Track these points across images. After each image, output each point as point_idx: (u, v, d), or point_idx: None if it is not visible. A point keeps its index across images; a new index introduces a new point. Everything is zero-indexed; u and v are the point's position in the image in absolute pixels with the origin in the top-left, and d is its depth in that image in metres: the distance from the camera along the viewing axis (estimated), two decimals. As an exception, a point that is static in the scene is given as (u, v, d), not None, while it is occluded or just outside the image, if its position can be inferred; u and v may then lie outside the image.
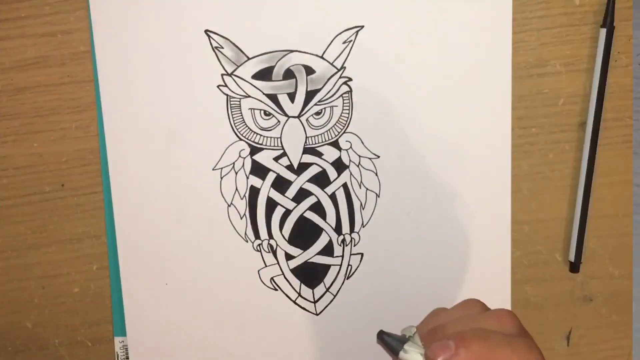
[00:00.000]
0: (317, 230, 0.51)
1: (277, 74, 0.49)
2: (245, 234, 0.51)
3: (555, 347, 0.54)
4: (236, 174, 0.50)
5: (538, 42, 0.49)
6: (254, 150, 0.50)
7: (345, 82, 0.49)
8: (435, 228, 0.51)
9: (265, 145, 0.50)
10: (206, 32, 0.48)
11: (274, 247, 0.51)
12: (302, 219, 0.51)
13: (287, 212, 0.51)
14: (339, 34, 0.48)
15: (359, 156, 0.50)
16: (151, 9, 0.48)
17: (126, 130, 0.49)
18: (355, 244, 0.51)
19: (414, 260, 0.52)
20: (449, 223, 0.51)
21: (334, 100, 0.49)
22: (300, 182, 0.50)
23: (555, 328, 0.54)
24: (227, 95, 0.49)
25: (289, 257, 0.52)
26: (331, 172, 0.50)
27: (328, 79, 0.49)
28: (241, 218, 0.51)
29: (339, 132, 0.50)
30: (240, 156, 0.50)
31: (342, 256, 0.52)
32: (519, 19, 0.49)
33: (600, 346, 0.54)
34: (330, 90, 0.49)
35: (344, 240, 0.51)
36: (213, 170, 0.50)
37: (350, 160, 0.50)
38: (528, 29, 0.49)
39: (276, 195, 0.51)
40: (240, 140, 0.50)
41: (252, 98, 0.49)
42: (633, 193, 0.52)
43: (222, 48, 0.48)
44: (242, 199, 0.51)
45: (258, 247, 0.51)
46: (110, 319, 0.53)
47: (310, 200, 0.51)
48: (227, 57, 0.48)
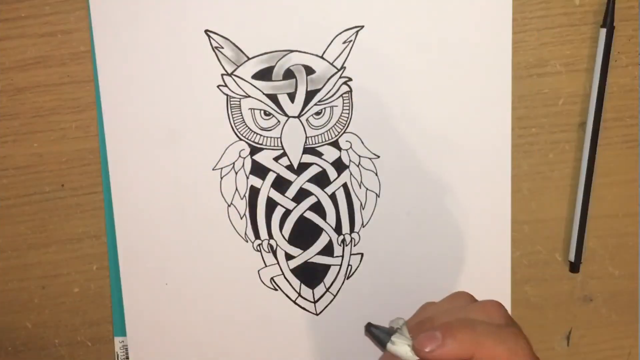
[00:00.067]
0: (317, 230, 0.51)
1: (277, 74, 0.49)
2: (245, 234, 0.51)
3: (555, 347, 0.54)
4: (236, 174, 0.50)
5: (538, 42, 0.49)
6: (254, 150, 0.50)
7: (345, 82, 0.49)
8: (435, 228, 0.51)
9: (265, 145, 0.50)
10: (206, 32, 0.48)
11: (274, 247, 0.51)
12: (302, 219, 0.51)
13: (287, 212, 0.51)
14: (339, 34, 0.48)
15: (359, 156, 0.50)
16: (151, 9, 0.48)
17: (126, 130, 0.49)
18: (355, 244, 0.51)
19: (414, 260, 0.52)
20: (448, 223, 0.51)
21: (334, 100, 0.49)
22: (300, 182, 0.50)
23: (555, 328, 0.54)
24: (227, 95, 0.49)
25: (289, 257, 0.52)
26: (331, 172, 0.50)
27: (328, 79, 0.49)
28: (241, 218, 0.51)
29: (339, 132, 0.50)
30: (240, 156, 0.50)
31: (342, 256, 0.52)
32: (519, 19, 0.49)
33: (600, 346, 0.54)
34: (330, 90, 0.49)
35: (344, 240, 0.51)
36: (213, 170, 0.50)
37: (350, 160, 0.50)
38: (528, 29, 0.49)
39: (276, 195, 0.51)
40: (240, 140, 0.50)
41: (252, 98, 0.49)
42: None
43: (222, 48, 0.48)
44: (242, 199, 0.51)
45: (258, 247, 0.51)
46: (110, 319, 0.53)
47: (310, 200, 0.51)
48: (227, 57, 0.48)
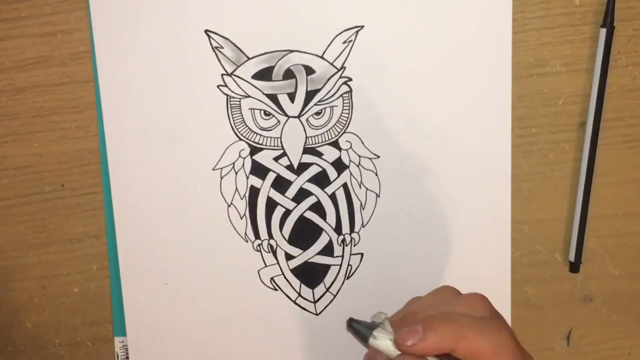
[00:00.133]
0: (317, 230, 0.51)
1: (277, 74, 0.49)
2: (245, 234, 0.51)
3: (555, 347, 0.54)
4: (236, 174, 0.50)
5: (538, 42, 0.49)
6: (254, 150, 0.50)
7: (345, 82, 0.49)
8: (435, 228, 0.51)
9: (265, 145, 0.50)
10: (206, 32, 0.48)
11: (274, 247, 0.51)
12: (302, 219, 0.51)
13: (287, 212, 0.51)
14: (339, 34, 0.48)
15: (359, 156, 0.50)
16: (151, 9, 0.48)
17: (126, 130, 0.49)
18: (355, 244, 0.51)
19: (414, 260, 0.52)
20: (448, 223, 0.51)
21: (334, 100, 0.49)
22: (300, 182, 0.50)
23: (555, 328, 0.54)
24: (227, 95, 0.49)
25: (289, 257, 0.52)
26: (331, 172, 0.50)
27: (328, 79, 0.49)
28: (241, 218, 0.51)
29: (339, 132, 0.50)
30: (240, 156, 0.50)
31: (342, 256, 0.52)
32: (519, 19, 0.49)
33: (600, 346, 0.54)
34: (330, 90, 0.49)
35: (344, 240, 0.51)
36: (213, 170, 0.50)
37: (350, 160, 0.50)
38: (528, 29, 0.49)
39: (276, 195, 0.51)
40: (240, 140, 0.50)
41: (252, 98, 0.49)
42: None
43: (222, 48, 0.48)
44: (242, 199, 0.51)
45: (258, 247, 0.51)
46: (110, 319, 0.53)
47: (310, 200, 0.51)
48: (227, 57, 0.48)
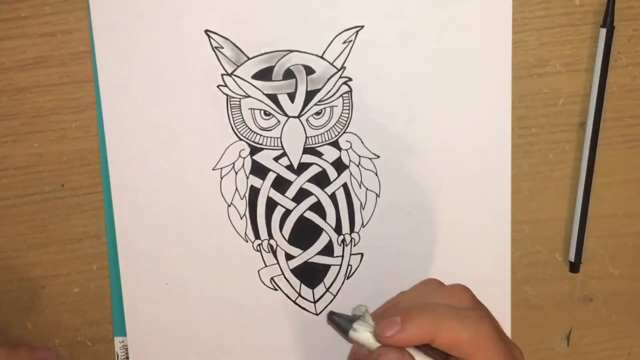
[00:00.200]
0: (317, 230, 0.51)
1: (277, 74, 0.49)
2: (245, 234, 0.51)
3: (555, 347, 0.54)
4: (236, 174, 0.50)
5: (538, 42, 0.49)
6: (254, 150, 0.50)
7: (345, 82, 0.49)
8: (435, 228, 0.51)
9: (265, 145, 0.50)
10: (206, 32, 0.48)
11: (274, 247, 0.51)
12: (302, 219, 0.51)
13: (287, 212, 0.51)
14: (339, 34, 0.48)
15: (359, 156, 0.50)
16: (151, 9, 0.48)
17: (126, 130, 0.49)
18: (355, 244, 0.51)
19: (414, 260, 0.52)
20: (448, 223, 0.51)
21: (334, 100, 0.49)
22: (300, 182, 0.50)
23: (555, 328, 0.54)
24: (227, 95, 0.49)
25: (289, 257, 0.52)
26: (331, 172, 0.50)
27: (328, 79, 0.49)
28: (241, 218, 0.51)
29: (339, 132, 0.50)
30: (240, 156, 0.50)
31: (342, 256, 0.52)
32: (519, 19, 0.49)
33: (600, 346, 0.54)
34: (330, 90, 0.49)
35: (344, 240, 0.51)
36: (213, 170, 0.50)
37: (350, 160, 0.50)
38: (528, 29, 0.49)
39: (276, 195, 0.51)
40: (240, 140, 0.50)
41: (252, 98, 0.49)
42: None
43: (222, 48, 0.48)
44: (242, 199, 0.51)
45: (258, 247, 0.51)
46: (110, 319, 0.53)
47: (310, 200, 0.51)
48: (227, 57, 0.48)
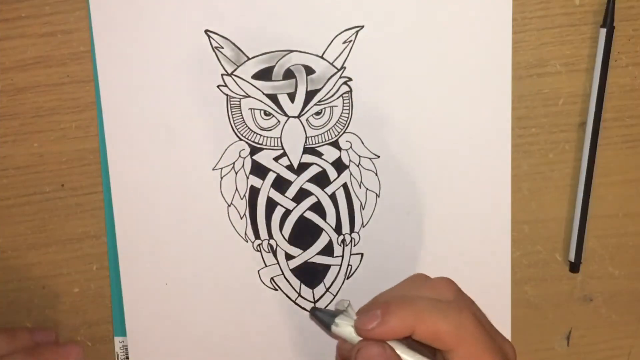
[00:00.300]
0: (317, 230, 0.51)
1: (277, 74, 0.49)
2: (245, 234, 0.51)
3: (555, 347, 0.54)
4: (236, 174, 0.50)
5: (538, 42, 0.49)
6: (254, 150, 0.50)
7: (345, 82, 0.49)
8: (435, 228, 0.51)
9: (265, 145, 0.50)
10: (206, 32, 0.48)
11: (274, 247, 0.51)
12: (302, 219, 0.51)
13: (287, 212, 0.51)
14: (339, 34, 0.48)
15: (359, 156, 0.50)
16: (151, 9, 0.48)
17: (126, 130, 0.49)
18: (355, 244, 0.51)
19: (414, 261, 0.52)
20: (448, 223, 0.51)
21: (334, 100, 0.49)
22: (300, 182, 0.50)
23: (555, 328, 0.54)
24: (227, 95, 0.49)
25: (289, 257, 0.52)
26: (331, 172, 0.50)
27: (328, 79, 0.49)
28: (241, 218, 0.51)
29: (339, 132, 0.50)
30: (240, 156, 0.50)
31: (342, 256, 0.52)
32: (519, 19, 0.49)
33: (600, 346, 0.54)
34: (330, 90, 0.49)
35: (344, 240, 0.51)
36: (213, 170, 0.50)
37: (350, 160, 0.50)
38: (528, 29, 0.49)
39: (276, 195, 0.51)
40: (240, 140, 0.50)
41: (252, 98, 0.49)
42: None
43: (222, 48, 0.48)
44: (242, 199, 0.51)
45: (258, 247, 0.51)
46: (110, 319, 0.53)
47: (310, 200, 0.51)
48: (227, 57, 0.48)
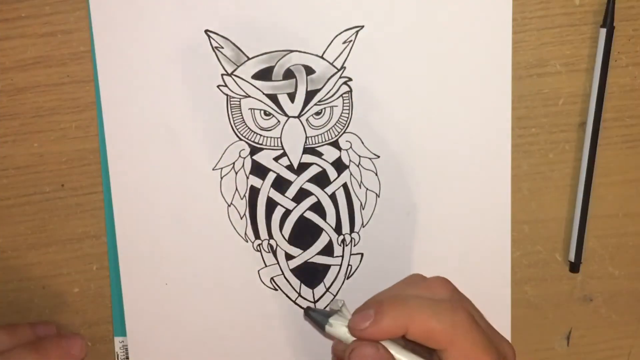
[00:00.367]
0: (317, 230, 0.51)
1: (277, 74, 0.49)
2: (245, 234, 0.51)
3: (555, 347, 0.54)
4: (236, 174, 0.50)
5: (538, 42, 0.49)
6: (254, 150, 0.50)
7: (345, 82, 0.49)
8: (435, 228, 0.51)
9: (265, 145, 0.50)
10: (206, 32, 0.48)
11: (274, 247, 0.51)
12: (302, 219, 0.51)
13: (287, 212, 0.51)
14: (339, 34, 0.48)
15: (359, 156, 0.50)
16: (151, 9, 0.48)
17: (126, 130, 0.49)
18: (355, 244, 0.51)
19: (414, 260, 0.52)
20: (448, 223, 0.51)
21: (334, 100, 0.49)
22: (300, 182, 0.50)
23: (555, 328, 0.54)
24: (227, 95, 0.49)
25: (289, 257, 0.52)
26: (331, 172, 0.50)
27: (328, 79, 0.49)
28: (241, 218, 0.51)
29: (339, 132, 0.50)
30: (240, 156, 0.50)
31: (342, 256, 0.52)
32: (519, 19, 0.49)
33: (600, 346, 0.54)
34: (330, 90, 0.49)
35: (344, 240, 0.51)
36: (213, 170, 0.50)
37: (350, 160, 0.50)
38: (528, 29, 0.49)
39: (276, 195, 0.51)
40: (240, 140, 0.50)
41: (252, 98, 0.49)
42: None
43: (222, 48, 0.48)
44: (242, 199, 0.51)
45: (258, 247, 0.51)
46: (110, 319, 0.53)
47: (310, 200, 0.51)
48: (227, 57, 0.48)
